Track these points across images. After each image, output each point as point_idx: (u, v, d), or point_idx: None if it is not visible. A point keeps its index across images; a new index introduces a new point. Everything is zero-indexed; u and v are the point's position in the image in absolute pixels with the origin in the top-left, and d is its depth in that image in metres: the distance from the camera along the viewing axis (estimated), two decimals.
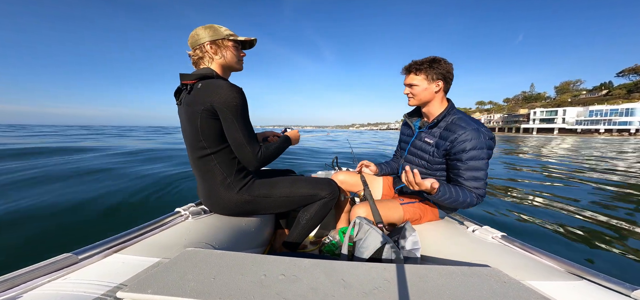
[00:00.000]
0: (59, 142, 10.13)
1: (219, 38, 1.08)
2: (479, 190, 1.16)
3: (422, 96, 1.27)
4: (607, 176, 5.57)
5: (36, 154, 6.08)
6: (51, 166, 4.60)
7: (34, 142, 9.24)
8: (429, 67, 1.22)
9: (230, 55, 1.12)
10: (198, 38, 1.08)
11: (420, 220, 1.33)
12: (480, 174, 1.16)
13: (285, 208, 1.25)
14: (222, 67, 1.13)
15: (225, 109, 0.99)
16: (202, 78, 1.04)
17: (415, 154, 1.37)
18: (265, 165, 1.13)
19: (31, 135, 15.22)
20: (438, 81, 1.23)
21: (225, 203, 1.13)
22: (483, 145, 1.14)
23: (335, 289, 0.62)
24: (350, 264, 0.73)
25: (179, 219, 1.05)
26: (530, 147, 15.62)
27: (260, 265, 0.70)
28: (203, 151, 1.06)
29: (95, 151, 7.06)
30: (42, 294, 0.58)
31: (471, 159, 1.15)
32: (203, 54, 1.09)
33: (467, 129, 1.16)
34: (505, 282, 0.69)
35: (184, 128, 1.10)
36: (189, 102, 1.03)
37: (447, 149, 1.20)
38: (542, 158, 9.25)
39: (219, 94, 0.98)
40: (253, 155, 1.05)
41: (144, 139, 13.67)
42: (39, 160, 5.28)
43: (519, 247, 1.01)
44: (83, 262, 0.70)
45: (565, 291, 0.72)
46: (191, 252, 0.76)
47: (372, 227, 1.05)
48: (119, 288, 0.62)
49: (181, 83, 1.08)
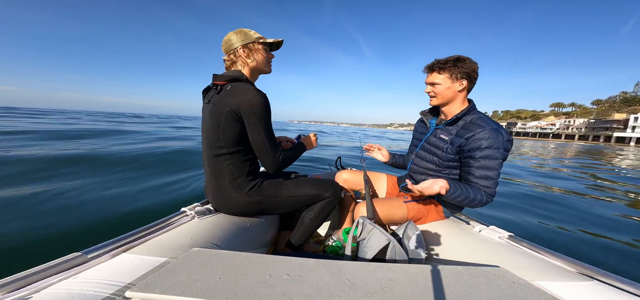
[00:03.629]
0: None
1: (249, 42, 1.13)
2: (489, 190, 1.14)
3: (445, 95, 1.23)
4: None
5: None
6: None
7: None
8: (453, 66, 1.19)
9: (260, 57, 1.18)
10: (231, 43, 1.13)
11: (424, 219, 1.32)
12: (493, 173, 1.14)
13: (291, 208, 1.27)
14: (252, 71, 1.19)
15: (250, 114, 1.03)
16: (232, 80, 1.10)
17: (428, 150, 1.35)
18: (283, 169, 1.18)
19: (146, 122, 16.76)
20: (462, 80, 1.20)
21: (233, 202, 1.16)
22: (500, 145, 1.12)
23: (340, 288, 0.61)
24: (354, 264, 0.73)
25: (184, 218, 1.06)
26: (628, 164, 11.10)
27: (265, 265, 0.70)
28: (219, 150, 1.09)
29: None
30: (53, 293, 0.59)
31: (485, 157, 1.13)
32: (236, 58, 1.15)
33: (485, 128, 1.14)
34: (514, 282, 0.68)
35: (205, 124, 1.15)
36: (217, 101, 1.07)
37: (461, 145, 1.19)
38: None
39: (246, 98, 1.03)
40: (275, 159, 1.11)
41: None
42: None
43: (527, 247, 0.99)
44: (92, 262, 0.72)
45: (575, 292, 0.70)
46: (197, 252, 0.77)
47: (376, 226, 1.04)
48: (128, 287, 0.62)
49: (213, 83, 1.13)
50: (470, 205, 1.17)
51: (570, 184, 5.52)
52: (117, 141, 7.44)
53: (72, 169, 3.88)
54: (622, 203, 4.24)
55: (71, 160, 4.41)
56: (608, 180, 6.51)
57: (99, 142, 7.07)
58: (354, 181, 1.59)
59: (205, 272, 0.65)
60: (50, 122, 13.69)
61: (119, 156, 4.96)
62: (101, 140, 7.51)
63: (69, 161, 4.31)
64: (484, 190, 1.14)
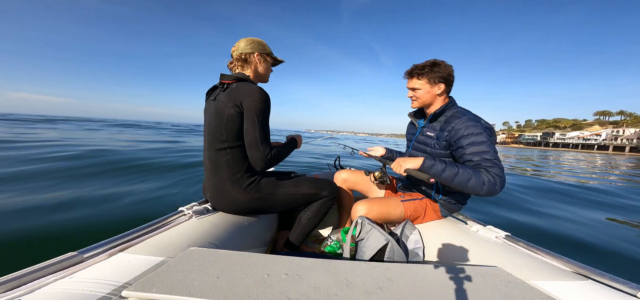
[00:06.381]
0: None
1: (264, 52, 1.28)
2: (492, 169, 1.07)
3: (424, 99, 1.32)
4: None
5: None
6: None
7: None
8: (430, 71, 1.27)
9: (267, 68, 1.33)
10: (252, 47, 1.24)
11: (422, 218, 1.33)
12: (488, 155, 1.10)
13: (288, 207, 1.28)
14: (256, 76, 1.30)
15: (251, 108, 1.10)
16: (238, 80, 1.19)
17: (418, 148, 1.41)
18: (271, 167, 1.21)
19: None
20: (440, 84, 1.28)
21: (231, 199, 1.16)
22: (480, 129, 1.15)
23: (338, 288, 0.61)
24: (352, 264, 0.73)
25: (182, 218, 1.05)
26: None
27: (263, 264, 0.70)
28: (221, 144, 1.14)
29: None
30: (49, 292, 0.58)
31: (472, 140, 1.14)
32: (250, 60, 1.25)
33: (462, 118, 1.19)
34: (510, 281, 0.68)
35: (208, 122, 1.20)
36: (222, 98, 1.14)
37: (447, 139, 1.22)
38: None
39: (250, 95, 1.11)
40: (262, 155, 1.13)
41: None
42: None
43: (524, 246, 1.00)
44: (88, 261, 0.71)
45: (570, 291, 0.71)
46: (195, 251, 0.77)
47: (374, 226, 1.04)
48: (125, 287, 0.62)
49: (220, 81, 1.23)
50: (473, 189, 1.08)
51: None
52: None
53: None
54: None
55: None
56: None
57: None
58: (352, 181, 1.60)
59: (202, 271, 0.65)
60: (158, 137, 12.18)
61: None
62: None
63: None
64: (485, 169, 1.09)
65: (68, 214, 2.30)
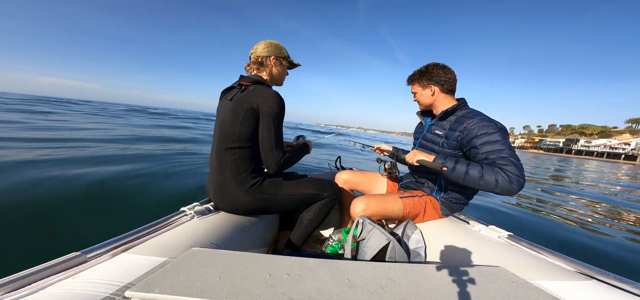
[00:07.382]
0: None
1: (281, 56, 1.31)
2: (508, 167, 1.03)
3: (423, 101, 1.39)
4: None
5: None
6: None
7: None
8: (419, 77, 1.35)
9: (282, 71, 1.36)
10: (269, 50, 1.27)
11: (421, 216, 1.33)
12: (504, 153, 1.06)
13: (290, 207, 1.28)
14: (272, 79, 1.32)
15: (267, 112, 1.12)
16: (255, 83, 1.22)
17: (425, 146, 1.41)
18: (283, 170, 1.23)
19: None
20: (431, 86, 1.32)
21: (234, 198, 1.17)
22: (495, 129, 1.12)
23: (340, 288, 0.61)
24: (354, 264, 0.73)
25: (184, 218, 1.06)
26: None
27: (265, 264, 0.70)
28: (231, 144, 1.15)
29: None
30: (52, 293, 0.58)
31: (486, 143, 1.11)
32: (266, 63, 1.27)
33: (475, 118, 1.18)
34: (514, 281, 0.68)
35: (221, 121, 1.21)
36: (239, 99, 1.16)
37: (459, 139, 1.21)
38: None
39: (267, 99, 1.13)
40: (276, 159, 1.15)
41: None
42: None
43: (527, 246, 0.99)
44: (91, 262, 0.71)
45: (574, 291, 0.70)
46: (197, 251, 0.77)
47: (376, 226, 1.04)
48: (127, 287, 0.62)
49: (239, 82, 1.25)
50: (487, 185, 1.05)
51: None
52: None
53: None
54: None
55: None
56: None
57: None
58: (354, 181, 1.60)
59: (204, 271, 0.65)
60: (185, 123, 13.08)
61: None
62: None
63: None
64: (500, 167, 1.05)
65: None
